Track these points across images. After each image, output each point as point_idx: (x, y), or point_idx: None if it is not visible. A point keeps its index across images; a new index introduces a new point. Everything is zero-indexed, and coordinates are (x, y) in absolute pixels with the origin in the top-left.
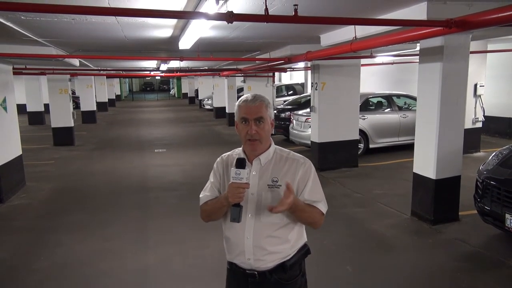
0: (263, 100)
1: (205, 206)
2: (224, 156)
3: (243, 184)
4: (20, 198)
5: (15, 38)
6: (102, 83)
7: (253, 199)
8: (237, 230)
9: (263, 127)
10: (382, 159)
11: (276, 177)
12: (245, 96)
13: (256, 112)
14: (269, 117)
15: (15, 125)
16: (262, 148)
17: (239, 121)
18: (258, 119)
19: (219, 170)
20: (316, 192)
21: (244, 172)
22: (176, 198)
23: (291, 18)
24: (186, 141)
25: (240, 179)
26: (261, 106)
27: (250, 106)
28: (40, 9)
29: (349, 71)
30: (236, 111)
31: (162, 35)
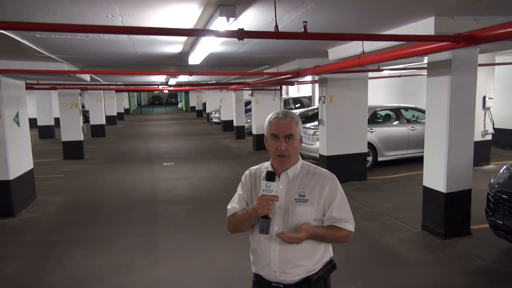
0: (293, 117)
1: (232, 217)
2: (252, 170)
3: (273, 197)
4: (30, 212)
5: (29, 55)
6: (111, 97)
7: (280, 213)
8: (264, 242)
9: (292, 143)
10: (391, 172)
11: (303, 191)
12: (275, 112)
13: (286, 129)
14: (298, 134)
15: (27, 140)
16: (290, 164)
17: (269, 137)
18: (288, 136)
19: (247, 183)
20: (344, 209)
21: (274, 185)
22: (185, 212)
23: (301, 34)
24: (194, 155)
25: (270, 192)
26: (291, 123)
27: (281, 123)
28: (60, 29)
29: (357, 84)
30: (266, 127)
31: (172, 51)
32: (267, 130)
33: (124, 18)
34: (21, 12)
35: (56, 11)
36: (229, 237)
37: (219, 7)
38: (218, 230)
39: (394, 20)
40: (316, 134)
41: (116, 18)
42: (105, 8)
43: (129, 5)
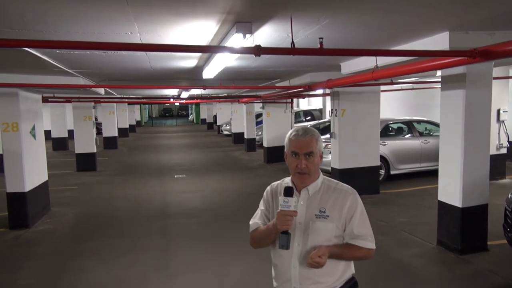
0: (313, 134)
1: (254, 233)
2: (273, 185)
3: (291, 212)
4: (45, 223)
5: (47, 69)
6: (124, 110)
7: (301, 228)
8: (285, 258)
9: (312, 160)
10: (404, 185)
11: (323, 207)
12: (296, 129)
13: (307, 146)
14: (319, 151)
15: (43, 152)
16: (311, 180)
17: (289, 154)
18: (308, 154)
19: (269, 199)
20: (364, 225)
21: (292, 200)
22: (197, 225)
23: (317, 50)
24: (205, 167)
25: (288, 207)
26: (311, 140)
27: (301, 140)
28: (84, 47)
29: (369, 97)
30: (287, 144)
31: (187, 65)
32: (287, 147)
33: (142, 35)
34: (44, 30)
35: (77, 28)
36: (241, 251)
37: (236, 23)
38: (231, 244)
39: (409, 35)
40: (328, 147)
41: (134, 35)
42: (125, 25)
43: (148, 22)
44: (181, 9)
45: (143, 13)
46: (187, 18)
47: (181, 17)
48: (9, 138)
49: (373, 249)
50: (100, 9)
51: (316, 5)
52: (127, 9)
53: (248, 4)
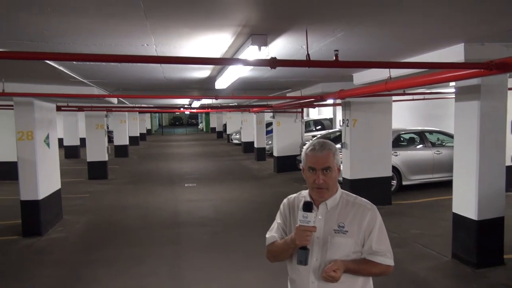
0: (330, 149)
1: (271, 246)
2: (290, 198)
3: (310, 228)
4: (57, 232)
5: (63, 80)
6: (135, 118)
7: (319, 243)
8: (303, 273)
9: (330, 175)
10: (417, 196)
11: (342, 222)
12: (312, 143)
13: (324, 162)
14: (336, 165)
15: (56, 160)
16: (329, 195)
17: (307, 169)
18: (325, 169)
19: (285, 212)
20: (382, 242)
21: (311, 216)
22: (208, 234)
23: (332, 63)
24: (215, 176)
25: (307, 222)
26: (328, 155)
27: (318, 155)
28: (103, 59)
29: (381, 107)
30: (303, 158)
31: (200, 76)
32: (303, 162)
33: (158, 47)
34: (63, 42)
35: (95, 41)
36: (253, 262)
37: (251, 36)
38: (243, 254)
39: (423, 47)
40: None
41: (150, 47)
42: (141, 38)
43: (164, 35)
44: (198, 22)
45: (160, 26)
46: (203, 31)
47: (197, 30)
48: (24, 146)
49: (392, 266)
50: (119, 22)
51: (332, 19)
52: (145, 23)
53: (264, 17)
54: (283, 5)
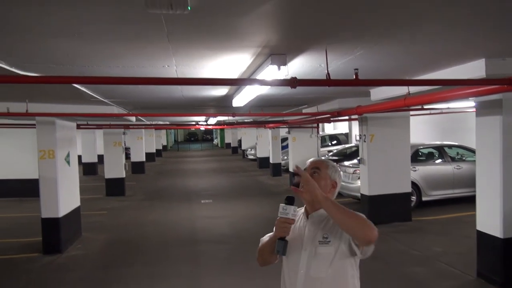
0: (326, 161)
1: (260, 247)
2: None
3: (288, 220)
4: (76, 249)
5: (84, 99)
6: (151, 135)
7: (305, 255)
8: (289, 286)
9: (317, 178)
10: (437, 213)
11: (327, 234)
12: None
13: (315, 164)
14: (327, 175)
15: (76, 178)
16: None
17: None
18: (313, 169)
19: None
20: None
21: (290, 209)
22: (226, 252)
23: (352, 81)
24: (231, 192)
25: (286, 214)
26: (322, 162)
27: (314, 160)
28: (127, 82)
29: (398, 122)
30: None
31: (218, 94)
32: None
33: (178, 68)
34: (87, 65)
35: (118, 63)
36: (272, 283)
37: (271, 56)
38: (261, 273)
39: (443, 63)
40: (356, 173)
41: (171, 68)
42: (163, 59)
43: (186, 56)
44: (219, 44)
45: (182, 48)
46: (223, 52)
47: (218, 51)
48: (45, 165)
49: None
50: (143, 46)
51: (352, 38)
52: (167, 45)
53: (284, 38)
54: (304, 27)
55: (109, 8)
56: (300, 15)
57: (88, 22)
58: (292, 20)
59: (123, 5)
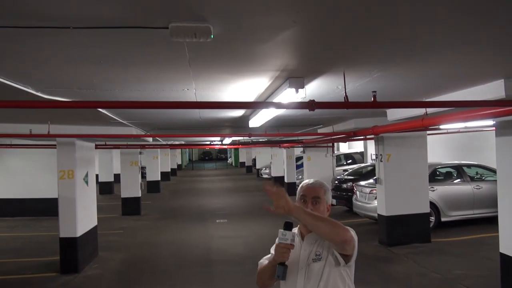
0: (322, 185)
1: (259, 270)
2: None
3: (288, 245)
4: (93, 269)
5: (103, 121)
6: (166, 154)
7: (301, 275)
8: None
9: (318, 207)
10: (457, 234)
11: (319, 251)
12: (307, 179)
13: (315, 192)
14: (325, 200)
15: (94, 197)
16: None
17: (299, 200)
18: (315, 198)
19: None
20: None
21: (289, 234)
22: (242, 273)
23: (370, 103)
24: (246, 211)
25: (285, 240)
26: (320, 188)
27: (310, 186)
28: (145, 106)
29: (415, 141)
30: (298, 192)
31: (234, 115)
32: (298, 194)
33: (197, 91)
34: (109, 89)
35: (139, 87)
36: None
37: (289, 79)
38: None
39: (461, 84)
40: (373, 193)
41: (190, 91)
42: (183, 83)
43: (205, 80)
44: (238, 68)
45: (202, 72)
46: (242, 76)
47: (237, 75)
48: (65, 185)
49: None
50: (164, 71)
51: (370, 62)
52: (188, 70)
53: (302, 62)
54: (321, 52)
55: (134, 37)
56: (317, 41)
57: (114, 50)
58: (310, 46)
59: (148, 34)
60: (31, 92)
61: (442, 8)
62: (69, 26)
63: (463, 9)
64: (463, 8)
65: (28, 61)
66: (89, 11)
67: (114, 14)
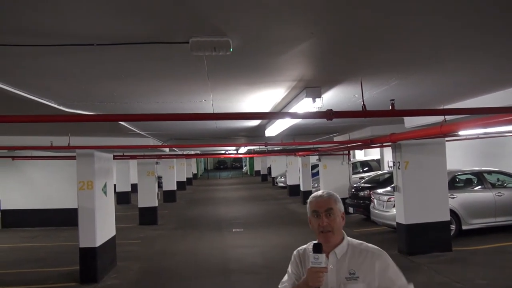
0: (331, 195)
1: None
2: (300, 250)
3: (322, 269)
4: (112, 278)
5: (122, 132)
6: (182, 164)
7: None
8: None
9: (333, 218)
10: (479, 242)
11: (353, 269)
12: (315, 193)
13: (326, 204)
14: (339, 210)
15: (112, 208)
16: (335, 240)
17: (311, 216)
18: (328, 211)
19: (297, 262)
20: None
21: (322, 257)
22: (259, 283)
23: (388, 112)
24: (262, 220)
25: (319, 264)
26: (329, 199)
27: (320, 200)
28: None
29: (434, 148)
30: (308, 207)
31: (250, 124)
32: (308, 210)
33: (215, 102)
34: (129, 101)
35: (158, 99)
36: None
37: (305, 89)
38: None
39: (480, 90)
40: (391, 201)
41: (208, 103)
42: (201, 95)
43: (223, 91)
44: (256, 79)
45: (220, 84)
46: (260, 87)
47: (255, 86)
48: (84, 195)
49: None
50: (183, 83)
51: (387, 71)
52: (206, 82)
53: (319, 72)
54: (338, 62)
55: (156, 52)
56: (335, 51)
57: (135, 64)
58: (327, 56)
59: (169, 49)
60: (52, 105)
61: (462, 19)
62: (93, 43)
63: (482, 16)
64: (482, 14)
65: (52, 77)
66: (114, 29)
67: (137, 31)
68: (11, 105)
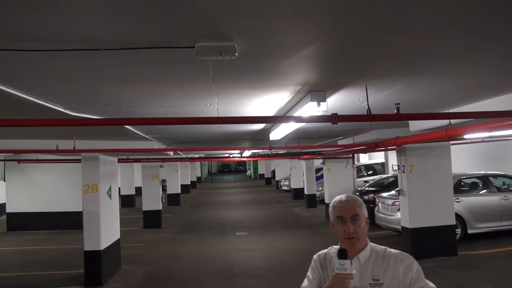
0: (356, 200)
1: None
2: (321, 255)
3: (348, 275)
4: (116, 282)
5: (127, 136)
6: (186, 167)
7: None
8: None
9: (359, 224)
10: (485, 246)
11: (376, 275)
12: (339, 197)
13: (351, 210)
14: (363, 215)
15: (117, 211)
16: (360, 246)
17: (335, 221)
18: (353, 217)
19: (318, 267)
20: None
21: (347, 263)
22: (264, 286)
23: (393, 116)
24: (266, 224)
25: (344, 270)
26: (355, 205)
27: (345, 206)
28: (171, 122)
29: (438, 152)
30: (331, 211)
31: (255, 128)
32: (332, 215)
33: (219, 106)
34: (134, 106)
35: (163, 103)
36: None
37: (310, 93)
38: None
39: (486, 94)
40: (396, 204)
41: (212, 106)
42: (206, 99)
43: (227, 95)
44: (261, 83)
45: (225, 88)
46: (264, 91)
47: (259, 90)
48: (89, 199)
49: None
50: (189, 87)
51: (392, 75)
52: (212, 86)
53: (324, 76)
54: (343, 66)
55: (162, 56)
56: (340, 56)
57: (141, 69)
58: (332, 60)
59: (174, 53)
60: (59, 109)
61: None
62: (100, 48)
63: (489, 23)
64: (488, 21)
65: (59, 81)
66: (121, 34)
67: (143, 36)
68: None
